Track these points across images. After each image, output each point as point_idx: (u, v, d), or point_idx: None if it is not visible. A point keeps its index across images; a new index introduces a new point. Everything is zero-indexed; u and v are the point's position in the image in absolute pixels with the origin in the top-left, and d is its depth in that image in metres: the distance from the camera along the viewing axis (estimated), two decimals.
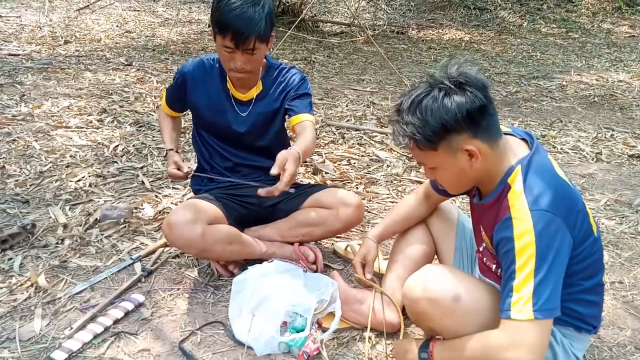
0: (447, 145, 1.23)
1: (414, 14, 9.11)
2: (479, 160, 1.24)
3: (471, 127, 1.22)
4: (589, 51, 7.05)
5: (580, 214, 1.24)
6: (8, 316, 1.63)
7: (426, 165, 1.32)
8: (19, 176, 2.61)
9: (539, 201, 1.18)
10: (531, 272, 1.15)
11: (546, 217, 1.16)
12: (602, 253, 1.36)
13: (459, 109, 1.19)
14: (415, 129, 1.22)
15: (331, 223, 1.87)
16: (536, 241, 1.15)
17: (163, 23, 7.35)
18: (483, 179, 1.31)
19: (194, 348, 1.53)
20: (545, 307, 1.15)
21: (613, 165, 3.23)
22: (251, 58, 1.71)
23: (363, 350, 1.55)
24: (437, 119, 1.20)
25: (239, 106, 1.90)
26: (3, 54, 4.97)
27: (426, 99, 1.22)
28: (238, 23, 1.63)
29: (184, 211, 1.68)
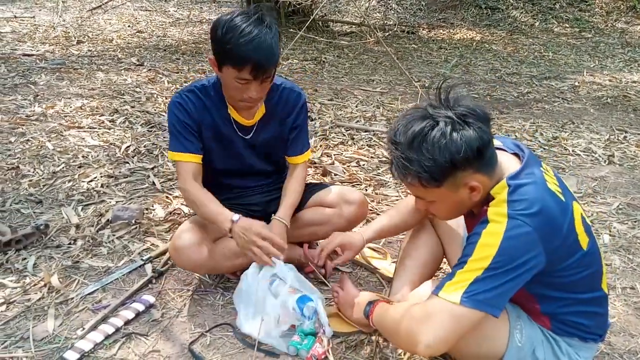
0: (451, 182, 1.19)
1: (424, 13, 9.07)
2: (479, 194, 1.22)
3: (477, 163, 1.18)
4: (602, 51, 6.97)
5: (564, 231, 1.19)
6: (22, 316, 1.66)
7: (424, 199, 1.27)
8: (33, 176, 2.65)
9: (519, 211, 1.15)
10: (481, 269, 1.13)
11: (521, 228, 1.13)
12: (600, 265, 1.32)
13: (469, 147, 1.13)
14: (421, 167, 1.15)
15: (336, 221, 1.87)
16: (500, 245, 1.13)
17: (174, 23, 7.40)
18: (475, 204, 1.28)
19: (203, 350, 1.55)
20: (477, 298, 1.12)
21: (626, 168, 3.19)
22: (266, 85, 1.63)
23: (371, 354, 1.55)
24: (445, 157, 1.14)
25: (243, 132, 1.79)
26: (17, 54, 5.04)
27: (431, 134, 1.15)
28: (258, 55, 1.51)
29: (189, 234, 1.67)
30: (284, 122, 1.85)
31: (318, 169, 2.92)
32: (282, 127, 1.85)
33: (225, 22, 1.54)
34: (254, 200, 1.94)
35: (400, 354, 1.57)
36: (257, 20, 1.54)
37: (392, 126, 1.23)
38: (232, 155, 1.83)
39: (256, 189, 1.95)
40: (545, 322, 1.35)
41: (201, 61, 5.35)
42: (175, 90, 4.17)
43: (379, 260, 2.06)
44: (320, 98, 4.35)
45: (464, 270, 1.15)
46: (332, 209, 1.89)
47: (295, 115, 1.84)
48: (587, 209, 2.60)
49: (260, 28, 1.53)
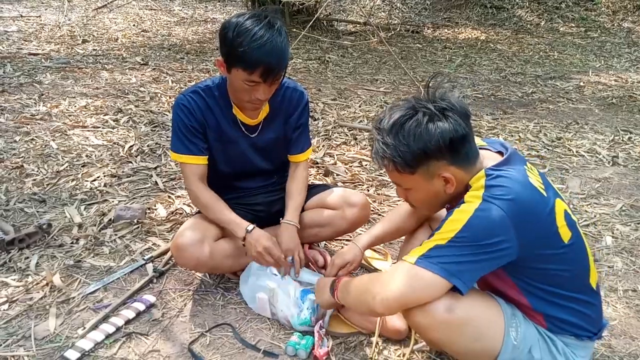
0: (424, 170, 1.25)
1: (429, 12, 9.05)
2: (453, 187, 1.26)
3: (451, 155, 1.23)
4: (609, 51, 6.92)
5: (542, 222, 1.22)
6: (24, 315, 1.67)
7: (401, 186, 1.34)
8: (37, 175, 2.67)
9: (496, 196, 1.19)
10: (444, 239, 1.18)
11: (492, 211, 1.16)
12: (587, 261, 1.33)
13: (442, 137, 1.20)
14: (396, 151, 1.22)
15: (338, 223, 1.88)
16: (467, 221, 1.17)
17: (179, 22, 7.41)
18: (453, 197, 1.32)
19: (202, 350, 1.56)
20: (431, 260, 1.18)
21: (630, 169, 3.17)
22: (274, 87, 1.64)
23: (370, 355, 1.55)
24: (419, 144, 1.21)
25: (247, 131, 1.81)
26: (23, 53, 5.07)
27: (409, 122, 1.22)
28: (270, 59, 1.53)
29: (191, 232, 1.68)
30: (288, 121, 1.86)
31: (320, 169, 2.92)
32: (286, 126, 1.87)
33: (236, 25, 1.55)
34: (257, 200, 1.94)
35: (399, 355, 1.57)
36: (268, 23, 1.55)
37: (380, 114, 1.30)
38: (235, 156, 1.84)
39: (259, 189, 1.95)
40: (540, 321, 1.36)
41: (205, 60, 5.37)
42: (180, 90, 4.21)
43: (380, 261, 2.06)
44: (324, 98, 4.35)
45: (429, 240, 1.22)
46: (335, 211, 1.90)
47: (299, 115, 1.85)
48: (590, 210, 2.59)
49: (272, 32, 1.54)
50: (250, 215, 1.91)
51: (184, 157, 1.73)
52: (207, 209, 1.74)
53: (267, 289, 1.68)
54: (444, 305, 1.26)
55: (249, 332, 1.65)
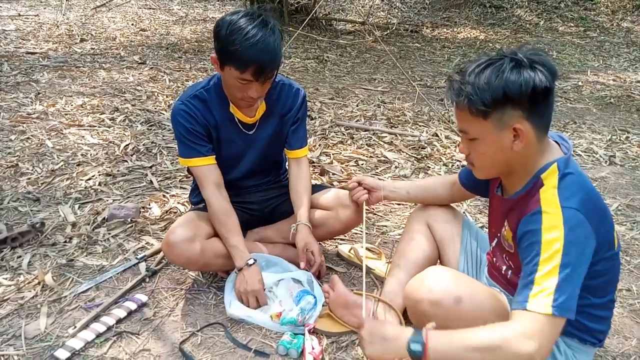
0: (498, 117, 1.18)
1: (428, 12, 9.04)
2: (522, 144, 1.20)
3: (529, 107, 1.17)
4: (607, 50, 6.92)
5: (608, 223, 1.22)
6: (15, 314, 1.67)
7: (468, 133, 1.24)
8: (32, 174, 2.66)
9: (572, 200, 1.14)
10: (556, 267, 1.11)
11: (577, 217, 1.13)
12: (619, 270, 1.33)
13: (525, 83, 1.14)
14: (475, 90, 1.16)
15: (331, 224, 1.88)
16: (565, 237, 1.11)
17: (177, 21, 7.41)
18: (515, 167, 1.26)
19: (193, 349, 1.55)
20: (564, 305, 1.10)
21: (627, 168, 3.17)
22: (267, 85, 1.65)
23: (362, 354, 1.55)
24: (499, 86, 1.15)
25: (245, 129, 1.81)
26: (21, 52, 5.07)
27: (494, 65, 1.17)
28: (261, 57, 1.53)
29: (182, 229, 1.68)
30: (284, 118, 1.86)
31: (316, 169, 2.91)
32: (283, 124, 1.87)
33: (230, 23, 1.55)
34: (252, 198, 1.94)
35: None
36: (262, 22, 1.55)
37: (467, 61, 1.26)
38: (233, 154, 1.84)
39: (254, 187, 1.95)
40: None
41: (203, 59, 5.36)
42: (177, 89, 4.21)
43: (373, 260, 2.05)
44: (321, 97, 4.35)
45: (541, 275, 1.12)
46: (329, 212, 1.89)
47: (297, 110, 1.86)
48: None
49: (265, 31, 1.54)
50: (244, 213, 1.91)
51: (193, 160, 1.74)
52: (217, 221, 1.74)
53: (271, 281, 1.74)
54: (453, 297, 1.27)
55: (240, 331, 1.64)
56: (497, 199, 1.42)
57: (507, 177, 1.32)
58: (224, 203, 1.74)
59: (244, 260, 1.69)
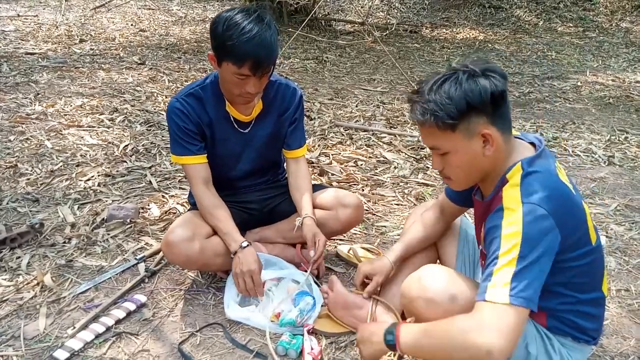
0: (465, 126, 1.21)
1: (428, 12, 9.05)
2: (492, 148, 1.23)
3: (491, 112, 1.22)
4: (606, 51, 6.92)
5: (577, 219, 1.23)
6: (14, 314, 1.67)
7: (440, 149, 1.27)
8: (31, 175, 2.66)
9: (533, 195, 1.17)
10: (514, 259, 1.13)
11: (537, 211, 1.15)
12: (603, 265, 1.35)
13: (484, 91, 1.19)
14: (438, 105, 1.20)
15: (331, 224, 1.88)
16: (523, 231, 1.14)
17: (177, 22, 7.41)
18: (488, 172, 1.29)
19: (193, 349, 1.55)
20: (522, 294, 1.11)
21: (625, 169, 3.17)
22: (264, 81, 1.66)
23: None
24: (461, 97, 1.19)
25: (240, 127, 1.82)
26: (20, 53, 5.07)
27: (450, 80, 1.21)
28: (258, 52, 1.54)
29: (182, 229, 1.69)
30: (281, 118, 1.87)
31: (315, 169, 2.92)
32: (279, 123, 1.87)
33: (226, 19, 1.57)
34: (250, 198, 1.94)
35: (390, 355, 1.56)
36: (257, 17, 1.58)
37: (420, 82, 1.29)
38: (228, 153, 1.84)
39: (252, 187, 1.95)
40: (541, 319, 1.35)
41: (202, 60, 5.36)
42: (176, 90, 4.21)
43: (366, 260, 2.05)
44: (321, 97, 4.35)
45: (499, 267, 1.15)
46: (328, 212, 1.90)
47: (294, 110, 1.87)
48: None
49: (261, 26, 1.56)
50: (243, 213, 1.91)
51: (184, 158, 1.75)
52: (207, 214, 1.75)
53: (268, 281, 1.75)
54: (448, 296, 1.28)
55: (239, 332, 1.64)
56: (476, 203, 1.45)
57: (482, 182, 1.35)
58: (212, 198, 1.77)
59: (237, 243, 1.69)
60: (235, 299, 1.71)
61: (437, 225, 1.66)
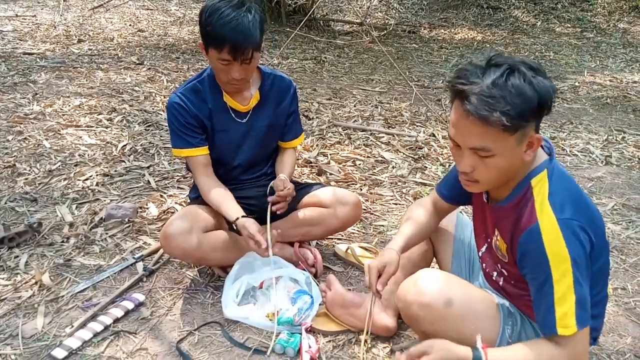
0: (523, 130, 1.10)
1: (426, 12, 9.06)
2: (533, 154, 1.17)
3: (541, 115, 1.13)
4: (604, 51, 6.94)
5: (600, 222, 1.24)
6: (12, 313, 1.67)
7: (488, 150, 1.13)
8: (29, 174, 2.66)
9: (565, 210, 1.15)
10: (571, 286, 1.14)
11: (574, 227, 1.14)
12: (609, 269, 1.35)
13: (552, 90, 1.10)
14: (509, 103, 1.06)
15: (330, 222, 1.89)
16: (569, 253, 1.13)
17: (175, 22, 7.40)
18: (514, 177, 1.22)
19: (191, 348, 1.55)
20: (584, 317, 1.16)
21: (623, 168, 3.18)
22: (248, 67, 1.69)
23: (359, 353, 1.55)
24: (534, 95, 1.07)
25: (238, 117, 1.86)
26: (18, 53, 5.06)
27: (514, 74, 1.08)
28: (235, 35, 1.59)
29: (180, 222, 1.70)
30: (278, 108, 1.91)
31: (314, 169, 2.92)
32: (277, 114, 1.92)
33: (209, 7, 1.64)
34: (249, 193, 1.95)
35: (388, 353, 1.57)
36: (238, 3, 1.63)
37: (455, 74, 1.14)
38: (228, 143, 1.87)
39: (250, 182, 1.97)
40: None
41: (201, 60, 5.36)
42: (174, 90, 4.21)
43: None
44: (319, 97, 4.35)
45: (559, 297, 1.15)
46: (327, 209, 1.90)
47: (289, 102, 1.93)
48: None
49: (239, 11, 1.61)
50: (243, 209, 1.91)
51: (185, 151, 1.81)
52: (211, 199, 1.79)
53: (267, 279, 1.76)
54: (443, 300, 1.28)
55: (237, 330, 1.65)
56: (484, 206, 1.39)
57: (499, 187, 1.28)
58: (214, 184, 1.82)
59: (239, 213, 1.72)
60: (233, 298, 1.71)
61: (431, 220, 1.61)
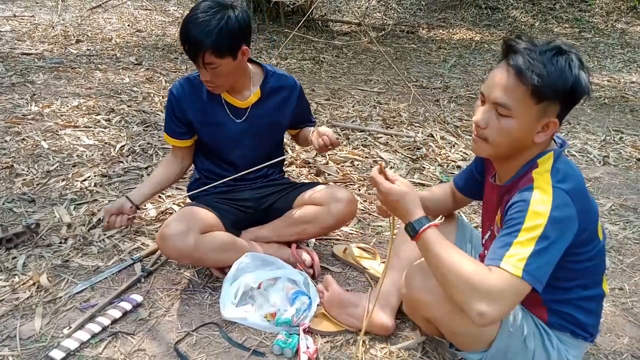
0: (546, 106, 1.18)
1: (424, 13, 9.07)
2: (545, 138, 1.23)
3: (566, 106, 1.20)
4: (602, 51, 6.96)
5: (592, 214, 1.27)
6: (10, 315, 1.67)
7: (508, 108, 1.19)
8: (27, 175, 2.66)
9: (563, 183, 1.20)
10: (535, 237, 1.15)
11: (565, 199, 1.18)
12: (605, 263, 1.37)
13: (586, 84, 1.18)
14: (548, 73, 1.14)
15: (324, 219, 1.89)
16: (551, 213, 1.15)
17: (173, 22, 7.40)
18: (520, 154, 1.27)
19: (189, 349, 1.56)
20: (535, 273, 1.14)
21: (620, 168, 3.19)
22: (216, 72, 1.67)
23: (356, 354, 1.55)
24: (569, 80, 1.15)
25: (234, 114, 1.88)
26: (16, 53, 5.05)
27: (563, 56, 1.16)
28: (188, 36, 1.60)
29: (177, 223, 1.70)
30: (280, 108, 1.92)
31: (312, 169, 2.92)
32: (278, 114, 1.92)
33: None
34: (245, 195, 1.95)
35: (386, 353, 1.57)
36: (216, 5, 1.61)
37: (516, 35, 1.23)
38: (223, 139, 1.88)
39: (247, 184, 1.97)
40: (542, 314, 1.37)
41: None
42: None
43: (369, 260, 2.06)
44: (317, 98, 4.36)
45: (519, 240, 1.16)
46: (321, 207, 1.90)
47: (296, 100, 1.95)
48: None
49: (208, 12, 1.59)
50: (238, 211, 1.92)
51: (169, 139, 1.94)
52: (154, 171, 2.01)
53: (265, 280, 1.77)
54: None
55: (235, 331, 1.65)
56: (492, 188, 1.44)
57: (505, 163, 1.32)
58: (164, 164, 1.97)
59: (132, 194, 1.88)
60: (231, 299, 1.71)
61: (447, 197, 1.67)
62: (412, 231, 1.26)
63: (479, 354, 1.38)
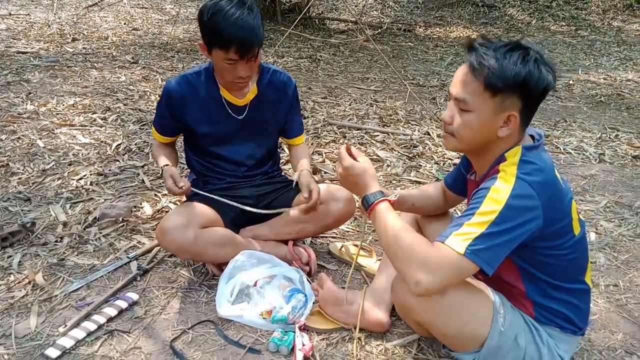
0: (503, 100, 1.23)
1: (421, 11, 9.07)
2: (508, 132, 1.26)
3: (530, 102, 1.25)
4: (598, 49, 6.97)
5: (562, 210, 1.27)
6: (5, 313, 1.67)
7: (467, 104, 1.25)
8: (22, 174, 2.65)
9: (529, 175, 1.22)
10: (488, 222, 1.18)
11: (527, 190, 1.20)
12: (586, 258, 1.38)
13: (541, 80, 1.21)
14: (499, 66, 1.20)
15: (322, 218, 1.90)
16: (507, 201, 1.18)
17: (170, 20, 7.39)
18: (488, 149, 1.31)
19: (184, 347, 1.56)
20: (480, 254, 1.18)
21: (616, 166, 3.20)
22: (253, 65, 1.72)
23: (352, 351, 1.56)
24: (521, 73, 1.20)
25: (234, 112, 1.88)
26: (12, 52, 5.04)
27: (519, 52, 1.21)
28: (242, 34, 1.62)
29: (177, 216, 1.71)
30: (277, 104, 1.94)
31: None
32: (275, 109, 1.94)
33: (211, 7, 1.65)
34: (244, 192, 1.95)
35: (381, 350, 1.58)
36: (239, 2, 1.65)
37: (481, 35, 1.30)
38: (224, 137, 1.89)
39: (246, 180, 1.97)
40: (528, 309, 1.38)
41: (196, 59, 5.35)
42: None
43: (365, 257, 2.06)
44: (314, 96, 4.35)
45: (471, 222, 1.20)
46: (320, 205, 1.91)
47: (290, 99, 1.96)
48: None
49: (242, 10, 1.63)
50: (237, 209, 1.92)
51: (155, 133, 1.97)
52: (154, 151, 1.98)
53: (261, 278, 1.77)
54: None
55: (231, 329, 1.65)
56: (471, 184, 1.49)
57: (478, 159, 1.37)
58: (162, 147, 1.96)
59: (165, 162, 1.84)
60: (227, 296, 1.71)
61: (438, 194, 1.70)
62: (366, 203, 1.36)
63: (472, 354, 1.38)
